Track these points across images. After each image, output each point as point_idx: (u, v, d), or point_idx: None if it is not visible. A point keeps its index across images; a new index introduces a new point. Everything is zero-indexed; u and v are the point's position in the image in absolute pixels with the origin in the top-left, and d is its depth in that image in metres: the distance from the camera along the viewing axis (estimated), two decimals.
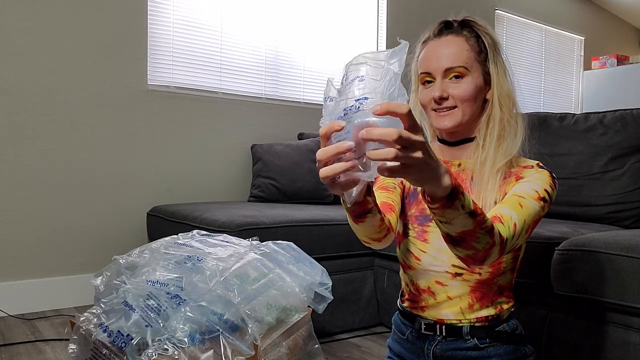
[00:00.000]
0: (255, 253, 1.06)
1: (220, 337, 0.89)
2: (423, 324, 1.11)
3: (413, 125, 0.64)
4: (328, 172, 0.68)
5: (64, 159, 2.43)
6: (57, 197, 2.41)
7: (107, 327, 0.90)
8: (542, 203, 0.98)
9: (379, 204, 1.07)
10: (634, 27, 6.13)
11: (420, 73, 1.08)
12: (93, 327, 0.91)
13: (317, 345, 1.07)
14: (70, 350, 0.93)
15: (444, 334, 1.08)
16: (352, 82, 0.70)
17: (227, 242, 1.10)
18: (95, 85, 2.50)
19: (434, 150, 0.81)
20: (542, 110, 4.57)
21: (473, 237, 0.83)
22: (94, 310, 0.94)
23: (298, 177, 2.73)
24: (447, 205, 0.77)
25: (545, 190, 0.99)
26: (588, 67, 5.29)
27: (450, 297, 1.08)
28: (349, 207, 0.88)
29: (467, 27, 1.08)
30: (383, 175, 0.67)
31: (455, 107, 1.05)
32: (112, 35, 2.53)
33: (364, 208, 0.90)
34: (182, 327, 0.88)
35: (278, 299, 0.99)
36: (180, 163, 2.76)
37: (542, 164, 1.07)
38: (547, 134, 2.06)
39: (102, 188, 2.52)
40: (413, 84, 1.13)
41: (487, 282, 1.07)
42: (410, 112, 0.63)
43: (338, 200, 2.81)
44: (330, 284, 1.09)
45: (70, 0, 2.42)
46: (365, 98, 0.67)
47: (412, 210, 1.14)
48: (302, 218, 2.02)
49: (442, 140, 1.13)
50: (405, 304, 1.17)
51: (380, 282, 2.15)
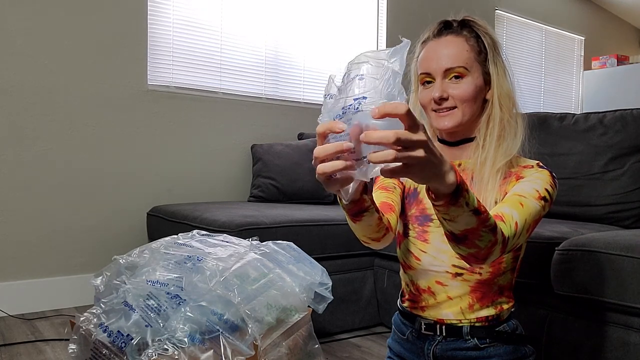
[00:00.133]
0: (255, 253, 1.06)
1: (220, 337, 0.89)
2: (423, 324, 1.11)
3: (413, 125, 0.64)
4: (326, 168, 0.69)
5: (64, 159, 2.43)
6: (57, 197, 2.41)
7: (107, 327, 0.90)
8: (542, 202, 0.98)
9: (379, 204, 1.07)
10: (634, 27, 6.13)
11: (420, 73, 1.08)
12: (93, 327, 0.91)
13: (317, 345, 1.07)
14: (70, 350, 0.93)
15: (444, 334, 1.08)
16: (352, 80, 0.70)
17: (227, 242, 1.10)
18: (95, 85, 2.50)
19: None
20: (542, 110, 4.57)
21: (476, 235, 0.83)
22: (94, 310, 0.94)
23: (298, 177, 2.73)
24: (451, 203, 0.77)
25: (546, 190, 0.99)
26: (588, 67, 5.29)
27: (451, 297, 1.08)
28: (346, 205, 0.89)
29: (466, 27, 1.08)
30: (386, 177, 0.67)
31: (455, 107, 1.05)
32: (112, 35, 2.53)
33: (361, 206, 0.90)
34: (182, 327, 0.88)
35: (278, 299, 0.99)
36: (180, 163, 2.76)
37: (542, 164, 1.07)
38: (547, 134, 2.06)
39: (102, 188, 2.52)
40: (413, 84, 1.13)
41: (487, 282, 1.07)
42: (409, 111, 0.62)
43: (338, 201, 2.81)
44: (330, 284, 1.09)
45: (70, 0, 2.42)
46: (364, 97, 0.67)
47: (412, 210, 1.14)
48: (302, 218, 2.02)
49: (442, 140, 1.13)
50: (406, 304, 1.17)
51: (380, 282, 2.15)
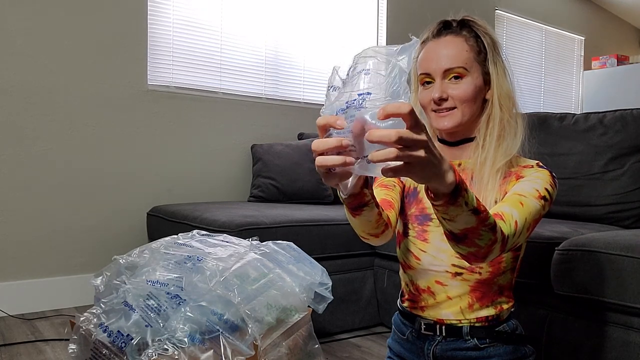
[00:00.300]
0: (255, 253, 1.06)
1: (220, 337, 0.89)
2: (423, 324, 1.11)
3: (415, 124, 0.64)
4: (325, 161, 0.69)
5: (64, 159, 2.43)
6: (57, 197, 2.41)
7: (107, 327, 0.90)
8: (542, 202, 0.98)
9: (379, 201, 1.07)
10: (634, 27, 6.13)
11: (420, 74, 1.08)
12: (93, 327, 0.91)
13: (317, 345, 1.07)
14: (70, 350, 0.93)
15: (444, 334, 1.08)
16: (358, 74, 0.70)
17: (227, 242, 1.10)
18: (95, 85, 2.50)
19: None
20: (542, 110, 4.57)
21: (476, 234, 0.83)
22: (94, 310, 0.94)
23: (298, 177, 2.73)
24: (450, 202, 0.77)
25: (546, 189, 0.99)
26: (588, 67, 5.29)
27: (450, 297, 1.08)
28: (345, 198, 0.89)
29: (466, 27, 1.08)
30: (387, 176, 0.67)
31: (455, 107, 1.05)
32: (112, 35, 2.53)
33: (361, 201, 0.90)
34: (182, 327, 0.88)
35: (278, 299, 0.99)
36: (180, 163, 2.76)
37: (541, 164, 1.07)
38: (547, 134, 2.06)
39: (102, 188, 2.52)
40: (412, 85, 1.13)
41: (487, 281, 1.07)
42: (412, 111, 0.63)
43: (338, 200, 2.81)
44: (330, 284, 1.09)
45: (70, 0, 2.42)
46: (368, 93, 0.67)
47: (412, 210, 1.14)
48: (302, 218, 2.02)
49: (442, 141, 1.13)
50: (405, 304, 1.17)
51: (380, 282, 2.15)
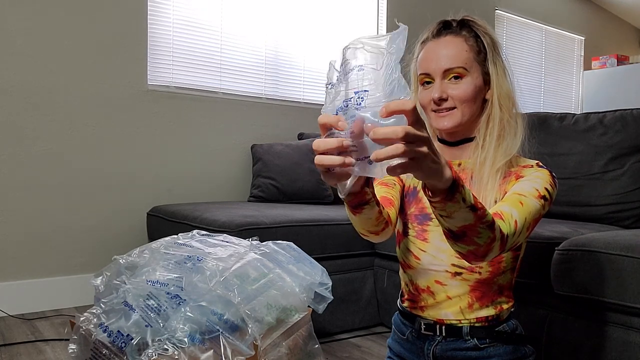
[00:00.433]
0: (255, 253, 1.06)
1: (220, 337, 0.89)
2: (423, 324, 1.11)
3: (417, 120, 0.65)
4: (324, 161, 0.69)
5: (64, 159, 2.43)
6: (57, 197, 2.41)
7: (107, 327, 0.90)
8: (542, 201, 0.98)
9: (379, 199, 1.07)
10: (634, 27, 6.12)
11: (420, 74, 1.08)
12: (93, 327, 0.91)
13: (317, 345, 1.07)
14: (70, 350, 0.93)
15: (444, 334, 1.08)
16: (351, 70, 0.70)
17: (227, 242, 1.10)
18: (95, 85, 2.50)
19: None
20: (542, 110, 4.57)
21: (474, 231, 0.83)
22: (94, 310, 0.94)
23: (298, 177, 2.73)
24: (447, 198, 0.77)
25: (546, 189, 0.99)
26: (588, 67, 5.28)
27: (450, 296, 1.08)
28: (346, 196, 0.88)
29: (466, 27, 1.08)
30: (392, 175, 0.67)
31: (455, 107, 1.05)
32: (112, 35, 2.53)
33: (362, 199, 0.90)
34: (182, 327, 0.88)
35: (278, 299, 0.99)
36: (180, 163, 2.76)
37: (541, 164, 1.07)
38: (547, 134, 2.06)
39: (102, 188, 2.52)
40: (412, 85, 1.13)
41: (487, 281, 1.07)
42: (415, 107, 0.63)
43: (338, 201, 2.81)
44: (330, 284, 1.09)
45: (70, 0, 2.42)
46: (365, 91, 0.67)
47: (411, 209, 1.14)
48: (302, 218, 2.02)
49: (442, 140, 1.13)
50: (405, 304, 1.17)
51: (380, 282, 2.15)
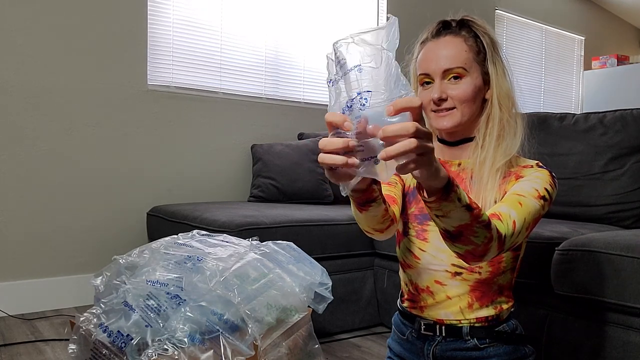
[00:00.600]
0: (255, 253, 1.06)
1: (220, 337, 0.89)
2: (422, 324, 1.11)
3: (421, 118, 0.66)
4: (327, 160, 0.69)
5: (64, 159, 2.43)
6: (57, 197, 2.41)
7: (107, 327, 0.90)
8: (542, 202, 0.98)
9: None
10: (634, 27, 6.12)
11: (419, 74, 1.08)
12: (93, 327, 0.91)
13: (317, 345, 1.07)
14: (70, 351, 0.93)
15: (444, 334, 1.08)
16: (350, 70, 0.70)
17: (227, 242, 1.10)
18: (95, 85, 2.50)
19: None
20: (542, 110, 4.57)
21: (470, 231, 0.83)
22: (94, 310, 0.94)
23: (298, 177, 2.73)
24: (443, 198, 0.78)
25: (545, 189, 0.99)
26: (588, 67, 5.28)
27: (450, 296, 1.08)
28: (354, 193, 0.88)
29: (465, 27, 1.08)
30: (404, 172, 0.68)
31: (454, 107, 1.05)
32: (112, 35, 2.53)
33: (369, 196, 0.90)
34: (182, 327, 0.88)
35: (278, 299, 0.99)
36: (180, 163, 2.76)
37: (541, 164, 1.07)
38: (547, 134, 2.06)
39: (102, 188, 2.52)
40: (412, 85, 1.13)
41: (486, 281, 1.07)
42: (422, 104, 0.65)
43: (338, 200, 2.81)
44: (330, 284, 1.09)
45: (71, 1, 2.42)
46: (368, 91, 0.67)
47: (412, 209, 1.14)
48: (302, 218, 2.02)
49: (441, 140, 1.13)
50: (405, 304, 1.17)
51: (380, 282, 2.15)
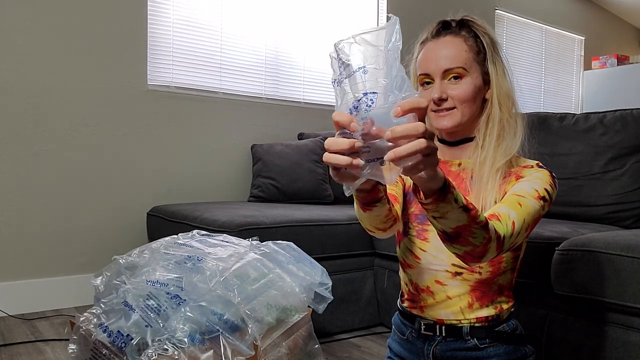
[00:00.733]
0: (255, 253, 1.06)
1: (220, 337, 0.89)
2: (422, 324, 1.11)
3: (424, 118, 0.66)
4: (331, 159, 0.69)
5: (64, 159, 2.43)
6: (57, 197, 2.41)
7: (107, 327, 0.90)
8: (542, 202, 0.98)
9: None
10: (634, 27, 6.12)
11: (419, 74, 1.08)
12: (93, 327, 0.91)
13: (317, 345, 1.07)
14: (70, 351, 0.93)
15: (444, 334, 1.08)
16: (355, 72, 0.70)
17: (227, 242, 1.10)
18: (95, 85, 2.50)
19: None
20: (542, 110, 4.57)
21: (468, 232, 0.83)
22: (94, 310, 0.94)
23: (298, 177, 2.73)
24: (439, 199, 0.78)
25: (545, 190, 0.99)
26: (588, 67, 5.28)
27: (450, 296, 1.08)
28: (358, 193, 0.88)
29: (465, 27, 1.08)
30: (412, 173, 0.68)
31: (455, 107, 1.05)
32: (112, 35, 2.53)
33: (374, 197, 0.90)
34: (182, 327, 0.88)
35: (278, 299, 0.99)
36: (180, 163, 2.76)
37: (541, 164, 1.07)
38: (547, 134, 2.06)
39: (102, 188, 2.52)
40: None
41: (487, 281, 1.07)
42: (428, 104, 0.65)
43: (338, 200, 2.81)
44: (330, 284, 1.09)
45: (71, 1, 2.42)
46: (374, 92, 0.68)
47: (412, 209, 1.14)
48: (302, 218, 2.02)
49: (442, 140, 1.13)
50: (405, 304, 1.17)
51: (380, 282, 2.15)
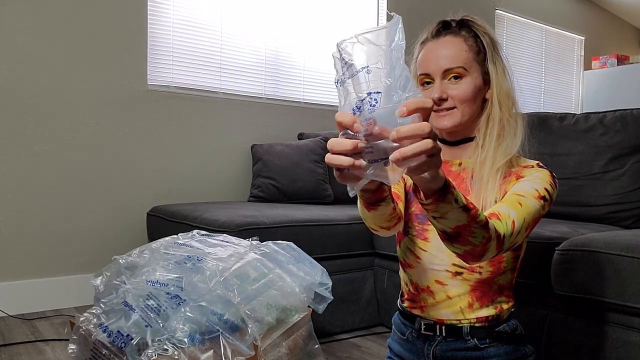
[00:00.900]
0: (255, 253, 1.06)
1: (220, 337, 0.89)
2: (423, 324, 1.11)
3: (428, 118, 0.66)
4: (334, 161, 0.69)
5: (64, 159, 2.43)
6: (57, 197, 2.41)
7: (107, 327, 0.90)
8: (542, 202, 0.97)
9: None
10: (634, 27, 6.12)
11: (419, 74, 1.08)
12: (93, 327, 0.91)
13: (317, 345, 1.07)
14: (70, 351, 0.93)
15: (444, 334, 1.08)
16: (358, 72, 0.70)
17: (227, 242, 1.10)
18: (95, 85, 2.50)
19: None
20: (542, 110, 4.57)
21: (468, 231, 0.83)
22: (94, 310, 0.94)
23: (298, 177, 2.73)
24: (440, 199, 0.78)
25: (546, 189, 0.99)
26: (588, 67, 5.28)
27: (450, 296, 1.08)
28: (363, 193, 0.88)
29: (465, 27, 1.08)
30: (416, 174, 0.68)
31: (455, 107, 1.05)
32: (112, 35, 2.53)
33: (379, 196, 0.90)
34: (182, 327, 0.88)
35: (278, 299, 0.99)
36: (180, 163, 2.76)
37: (542, 164, 1.07)
38: (547, 134, 2.06)
39: (102, 188, 2.52)
40: None
41: (487, 281, 1.07)
42: (433, 105, 0.65)
43: (338, 200, 2.81)
44: (330, 284, 1.09)
45: (71, 0, 2.42)
46: (378, 92, 0.68)
47: (412, 208, 1.14)
48: (302, 218, 2.02)
49: (442, 140, 1.13)
50: (405, 304, 1.17)
51: (380, 282, 2.15)
